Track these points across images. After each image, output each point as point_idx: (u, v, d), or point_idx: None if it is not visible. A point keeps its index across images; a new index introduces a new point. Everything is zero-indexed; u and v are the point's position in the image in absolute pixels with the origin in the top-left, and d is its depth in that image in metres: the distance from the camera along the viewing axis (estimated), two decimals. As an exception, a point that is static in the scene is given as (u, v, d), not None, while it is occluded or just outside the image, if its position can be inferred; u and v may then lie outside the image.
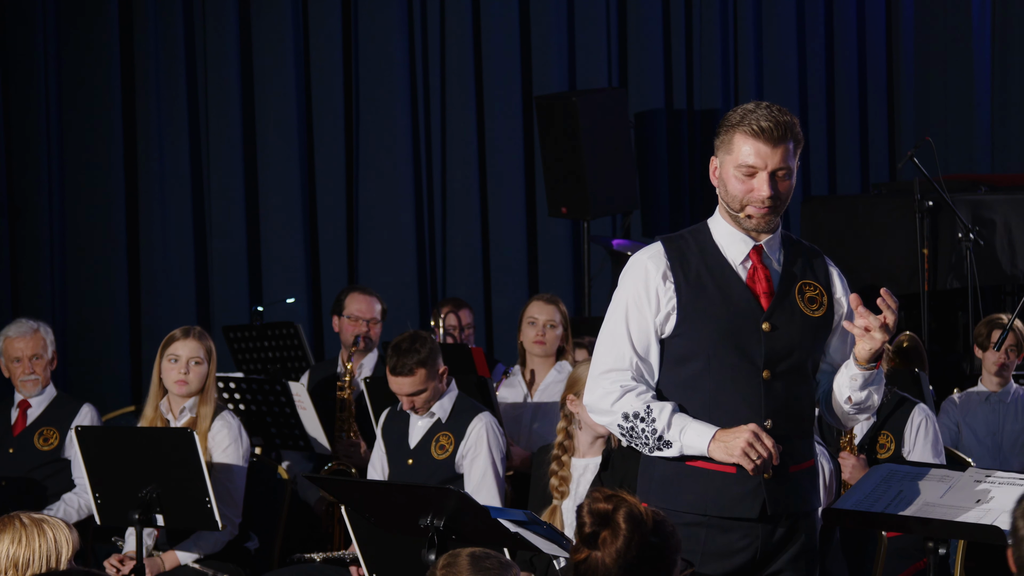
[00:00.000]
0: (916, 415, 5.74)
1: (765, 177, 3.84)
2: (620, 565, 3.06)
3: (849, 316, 3.94)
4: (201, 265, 9.22)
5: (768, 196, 3.84)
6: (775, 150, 3.84)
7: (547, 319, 6.71)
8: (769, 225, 3.90)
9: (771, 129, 3.82)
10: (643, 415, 3.84)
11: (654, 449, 3.85)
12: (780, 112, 3.85)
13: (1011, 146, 10.53)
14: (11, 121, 8.79)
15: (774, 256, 3.94)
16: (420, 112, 9.59)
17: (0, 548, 3.64)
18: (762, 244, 3.92)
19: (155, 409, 5.80)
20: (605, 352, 3.94)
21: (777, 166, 3.85)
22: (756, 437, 3.75)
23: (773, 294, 3.90)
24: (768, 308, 3.88)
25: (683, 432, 3.81)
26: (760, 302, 3.89)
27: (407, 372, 5.65)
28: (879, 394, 3.95)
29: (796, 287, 3.92)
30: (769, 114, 3.84)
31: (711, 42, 10.18)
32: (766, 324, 3.86)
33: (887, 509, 4.08)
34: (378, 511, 4.32)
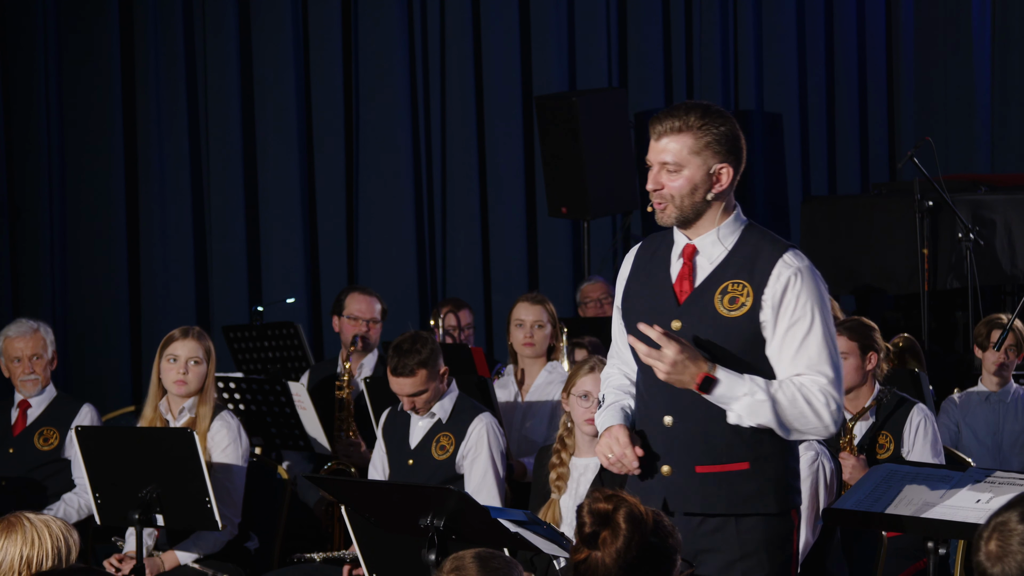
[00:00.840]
0: (915, 415, 5.73)
1: (651, 171, 3.88)
2: (620, 565, 3.06)
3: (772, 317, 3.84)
4: (201, 265, 9.22)
5: (650, 188, 3.88)
6: (657, 143, 3.86)
7: (534, 320, 6.69)
8: (667, 219, 3.89)
9: (656, 124, 3.86)
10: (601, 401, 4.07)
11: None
12: (684, 109, 3.86)
13: (1011, 146, 10.54)
14: (12, 121, 8.79)
15: (710, 253, 3.90)
16: (420, 112, 9.59)
17: (13, 549, 3.60)
18: (694, 243, 3.91)
19: (154, 409, 5.80)
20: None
21: (660, 159, 3.86)
22: (615, 439, 3.87)
23: (690, 293, 3.88)
24: (681, 305, 3.88)
25: (602, 422, 3.99)
26: (677, 300, 3.89)
27: (408, 373, 5.65)
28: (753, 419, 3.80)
29: (720, 286, 3.86)
30: (668, 109, 3.87)
31: (711, 42, 10.18)
32: (676, 322, 3.85)
33: (887, 509, 4.08)
34: (378, 511, 4.32)
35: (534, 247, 9.75)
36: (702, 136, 3.83)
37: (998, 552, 2.69)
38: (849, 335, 5.75)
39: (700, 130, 3.83)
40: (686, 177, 3.84)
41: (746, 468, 3.85)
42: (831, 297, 4.14)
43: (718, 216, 3.90)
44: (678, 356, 3.73)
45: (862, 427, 5.79)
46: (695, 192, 3.85)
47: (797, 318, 3.82)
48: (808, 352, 3.82)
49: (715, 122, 3.84)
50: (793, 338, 3.82)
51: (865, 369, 5.75)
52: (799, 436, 3.85)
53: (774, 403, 3.77)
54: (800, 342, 3.82)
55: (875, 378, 5.79)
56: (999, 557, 2.68)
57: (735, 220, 3.93)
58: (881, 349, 5.79)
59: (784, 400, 3.79)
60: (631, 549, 3.07)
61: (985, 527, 2.73)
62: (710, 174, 3.85)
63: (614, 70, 9.99)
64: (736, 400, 3.77)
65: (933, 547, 4.13)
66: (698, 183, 3.84)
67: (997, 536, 2.70)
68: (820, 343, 3.83)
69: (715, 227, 3.89)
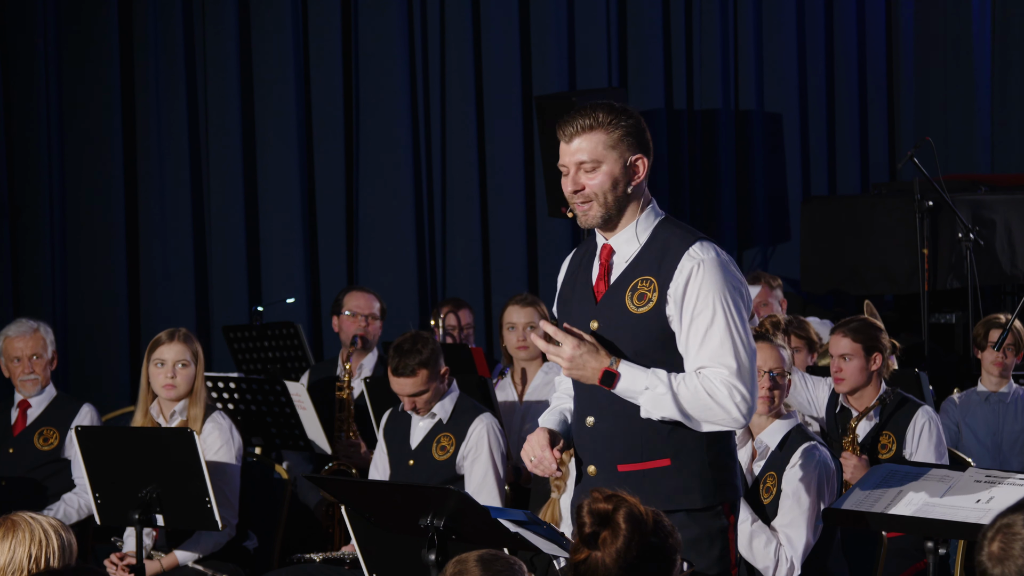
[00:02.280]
0: (919, 417, 5.73)
1: (568, 174, 3.89)
2: (620, 565, 3.05)
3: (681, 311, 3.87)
4: (201, 265, 9.22)
5: (570, 191, 3.89)
6: (569, 145, 3.88)
7: (526, 322, 6.68)
8: (592, 220, 3.89)
9: (565, 127, 3.87)
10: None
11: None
12: (590, 108, 3.87)
13: (1011, 146, 10.54)
14: (11, 121, 8.78)
15: (624, 251, 3.92)
16: (420, 112, 9.59)
17: (21, 549, 3.59)
18: (609, 243, 3.93)
19: (145, 413, 5.80)
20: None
21: (576, 160, 3.87)
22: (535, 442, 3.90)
23: (605, 292, 3.91)
24: (596, 306, 3.91)
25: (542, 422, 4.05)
26: (594, 300, 3.92)
27: (409, 373, 5.65)
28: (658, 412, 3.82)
29: (631, 284, 3.89)
30: (572, 112, 3.88)
31: (711, 42, 10.18)
32: (594, 322, 3.89)
33: (887, 509, 4.08)
34: (378, 511, 4.32)
35: (534, 247, 9.75)
36: (613, 131, 3.87)
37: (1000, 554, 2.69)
38: (853, 336, 5.76)
39: (611, 125, 3.87)
40: (605, 172, 3.87)
41: (668, 464, 3.86)
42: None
43: (636, 211, 3.93)
44: (575, 351, 3.79)
45: (864, 427, 5.79)
46: (616, 186, 3.88)
47: (700, 310, 3.82)
48: (711, 344, 3.81)
49: (622, 117, 3.88)
50: (696, 331, 3.82)
51: (870, 369, 5.75)
52: (711, 427, 3.84)
53: (675, 396, 3.78)
54: (703, 334, 3.81)
55: (881, 377, 5.80)
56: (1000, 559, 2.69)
57: (650, 214, 3.95)
58: (886, 348, 5.79)
59: (686, 393, 3.79)
60: (631, 549, 3.07)
61: (990, 527, 2.73)
62: (627, 166, 3.88)
63: (614, 70, 9.99)
64: (640, 394, 3.80)
65: (933, 547, 4.13)
66: (618, 176, 3.88)
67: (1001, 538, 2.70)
68: (723, 334, 3.80)
69: (632, 223, 3.92)
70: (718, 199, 10.18)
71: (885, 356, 5.77)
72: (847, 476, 5.59)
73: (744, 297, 3.88)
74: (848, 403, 5.84)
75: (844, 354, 5.75)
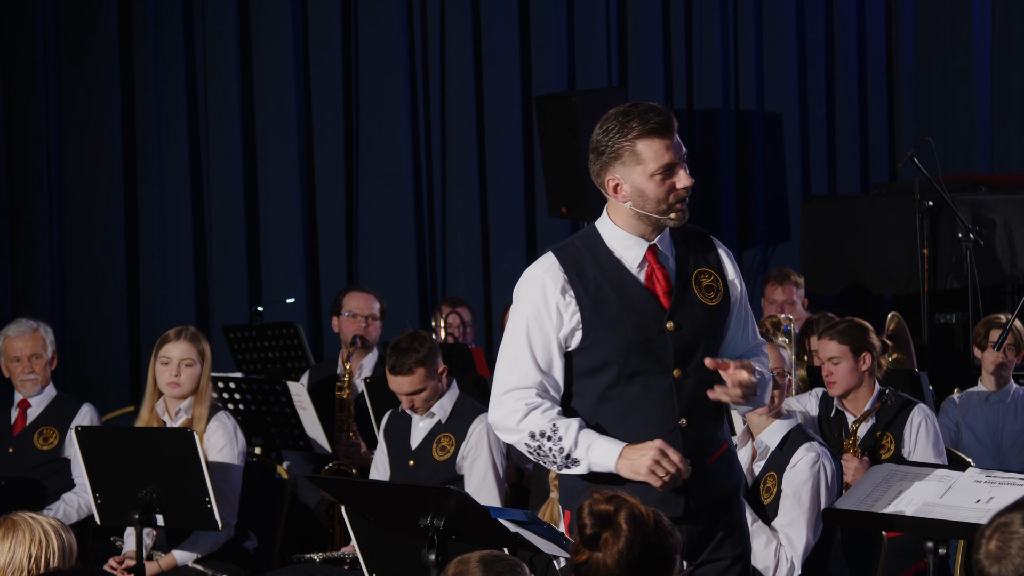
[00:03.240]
0: (915, 415, 5.73)
1: (681, 167, 3.86)
2: (622, 566, 3.05)
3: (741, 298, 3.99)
4: (201, 265, 9.22)
5: (691, 183, 3.87)
6: (674, 140, 3.86)
7: None
8: (685, 217, 3.91)
9: (666, 122, 3.83)
10: (549, 433, 3.81)
11: (562, 467, 3.84)
12: (655, 105, 3.88)
13: (1011, 146, 10.53)
14: (11, 121, 8.79)
15: (667, 251, 3.92)
16: (420, 112, 9.59)
17: (21, 549, 3.58)
18: (656, 243, 3.90)
19: (151, 411, 5.80)
20: (508, 370, 3.90)
21: (683, 153, 3.88)
22: (662, 454, 3.73)
23: (672, 292, 3.87)
24: (669, 307, 3.86)
25: (590, 450, 3.78)
26: (661, 302, 3.86)
27: (406, 371, 5.65)
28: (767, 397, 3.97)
29: (693, 278, 3.90)
30: (652, 110, 3.84)
31: (711, 42, 10.18)
32: (670, 323, 3.84)
33: (887, 509, 4.08)
34: (378, 511, 4.32)
35: (534, 247, 9.75)
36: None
37: (997, 552, 2.69)
38: (840, 339, 5.76)
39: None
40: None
41: (727, 448, 3.98)
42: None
43: None
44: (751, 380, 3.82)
45: (863, 428, 5.79)
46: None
47: (743, 291, 3.99)
48: (751, 320, 4.02)
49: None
50: (745, 311, 3.99)
51: (860, 370, 5.75)
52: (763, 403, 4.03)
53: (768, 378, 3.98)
54: (747, 313, 4.01)
55: (873, 377, 5.79)
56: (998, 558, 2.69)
57: None
58: (875, 347, 5.79)
59: (766, 372, 3.97)
60: (633, 550, 3.06)
61: (988, 525, 2.73)
62: None
63: (614, 70, 9.99)
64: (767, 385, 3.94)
65: (933, 547, 4.13)
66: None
67: (998, 536, 2.70)
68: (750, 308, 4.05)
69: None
70: (718, 199, 10.18)
71: (875, 355, 5.77)
72: (848, 478, 5.58)
73: None
74: (843, 406, 5.84)
75: (832, 357, 5.76)
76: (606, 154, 3.87)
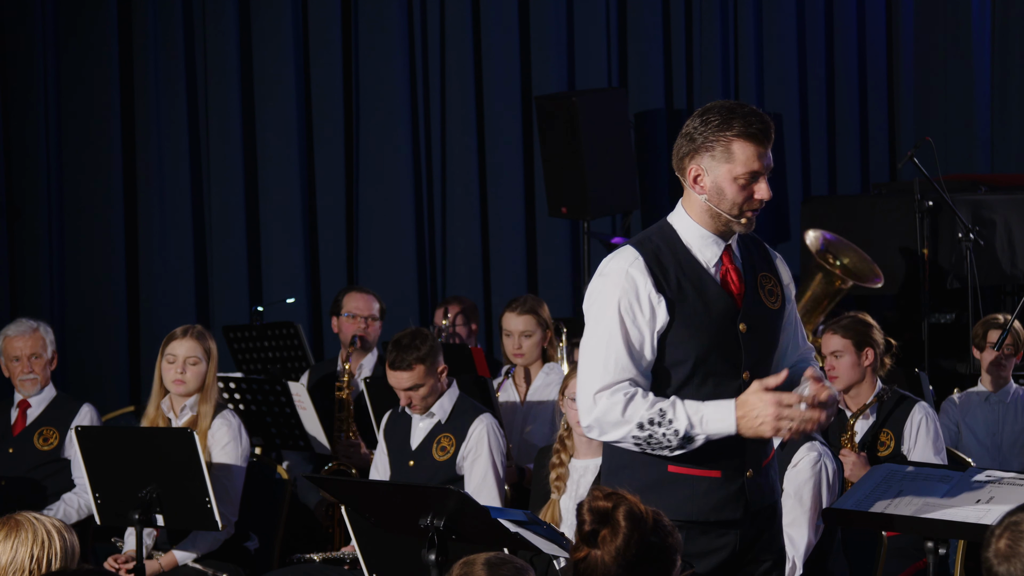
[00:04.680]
0: (916, 413, 5.74)
1: (765, 179, 3.83)
2: (620, 563, 3.06)
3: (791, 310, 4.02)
4: (201, 265, 9.22)
5: (769, 196, 3.83)
6: (768, 151, 3.83)
7: (521, 331, 6.65)
8: (752, 227, 3.90)
9: (766, 130, 3.81)
10: (658, 420, 3.76)
11: (677, 449, 3.78)
12: (760, 112, 3.86)
13: (1011, 146, 10.53)
14: (11, 121, 8.78)
15: (738, 253, 3.94)
16: (420, 112, 9.59)
17: (23, 549, 3.58)
18: (731, 243, 3.92)
19: (156, 408, 5.82)
20: (600, 366, 3.82)
21: (770, 166, 3.85)
22: (779, 404, 3.71)
23: (744, 294, 3.89)
24: (742, 308, 3.87)
25: (704, 422, 3.75)
26: (736, 303, 3.87)
27: (405, 367, 5.65)
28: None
29: (757, 281, 3.92)
30: (755, 115, 3.82)
31: (711, 42, 10.17)
32: (742, 325, 3.86)
33: (887, 509, 4.08)
34: (378, 511, 4.32)
35: (534, 247, 9.75)
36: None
37: (1007, 551, 2.70)
38: (843, 333, 5.78)
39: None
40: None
41: (775, 453, 4.04)
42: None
43: None
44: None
45: (863, 425, 5.80)
46: None
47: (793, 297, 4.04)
48: (801, 327, 4.06)
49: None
50: (795, 317, 4.04)
51: (862, 365, 5.76)
52: None
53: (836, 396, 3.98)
54: (796, 319, 4.05)
55: (875, 373, 5.80)
56: (1007, 557, 2.69)
57: None
58: (879, 344, 5.79)
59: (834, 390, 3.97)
60: (631, 547, 3.07)
61: (998, 524, 2.74)
62: None
63: (614, 70, 9.99)
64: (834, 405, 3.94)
65: (933, 547, 4.13)
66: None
67: (1008, 535, 2.71)
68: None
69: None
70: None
71: (878, 352, 5.78)
72: (847, 473, 5.60)
73: None
74: (844, 403, 5.85)
75: (835, 351, 5.77)
76: (698, 142, 3.83)
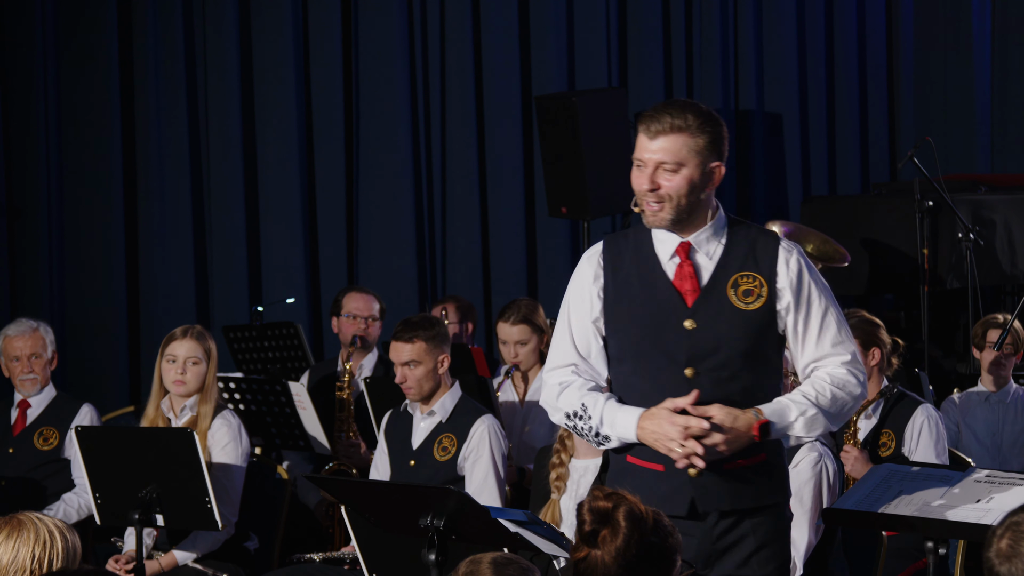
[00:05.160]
0: (918, 415, 5.74)
1: (646, 170, 3.85)
2: (620, 563, 3.06)
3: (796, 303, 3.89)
4: (201, 265, 9.22)
5: (645, 189, 3.85)
6: (653, 142, 3.83)
7: (516, 340, 6.64)
8: (661, 221, 3.87)
9: (651, 122, 3.83)
10: (580, 413, 3.89)
11: (598, 445, 3.91)
12: (680, 107, 3.85)
13: (1011, 146, 10.53)
14: (11, 121, 8.79)
15: (707, 249, 3.90)
16: (420, 112, 9.59)
17: (25, 549, 3.57)
18: (689, 240, 3.90)
19: (156, 408, 5.81)
20: (553, 350, 4.01)
21: (658, 159, 3.84)
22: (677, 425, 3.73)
23: (699, 290, 3.87)
24: (692, 305, 3.85)
25: (613, 425, 3.85)
26: (684, 299, 3.86)
27: (407, 339, 5.65)
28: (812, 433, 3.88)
29: (730, 280, 3.87)
30: (662, 108, 3.85)
31: (711, 42, 10.17)
32: (689, 321, 3.84)
33: (887, 509, 4.08)
34: (378, 511, 4.32)
35: (534, 247, 9.75)
36: (700, 136, 3.84)
37: (1008, 552, 2.70)
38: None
39: (698, 130, 3.84)
40: (685, 176, 3.84)
41: (764, 459, 3.89)
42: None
43: (709, 212, 3.92)
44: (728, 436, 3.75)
45: (866, 425, 5.80)
46: (693, 191, 3.86)
47: (814, 300, 3.89)
48: (830, 332, 3.90)
49: (710, 122, 3.86)
50: (814, 321, 3.89)
51: (869, 365, 5.75)
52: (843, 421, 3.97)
53: (823, 410, 3.86)
54: (820, 323, 3.89)
55: (882, 373, 5.80)
56: (1008, 557, 2.69)
57: (721, 215, 3.96)
58: (886, 344, 5.79)
59: (827, 402, 3.86)
60: (631, 547, 3.07)
61: (1000, 524, 2.74)
62: (706, 172, 3.86)
63: (614, 70, 9.99)
64: (792, 425, 3.83)
65: (933, 547, 4.13)
66: (696, 182, 3.86)
67: (1010, 535, 2.71)
68: (839, 321, 3.92)
69: (708, 223, 3.91)
70: (718, 199, 10.17)
71: (884, 352, 5.77)
72: (848, 469, 5.61)
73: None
74: None
75: None
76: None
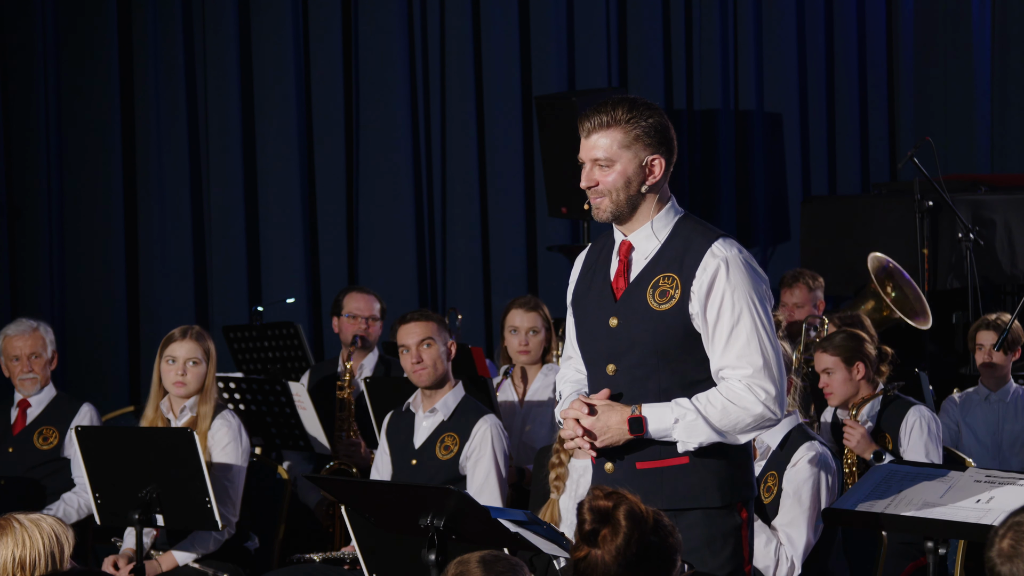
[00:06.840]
0: (910, 416, 5.80)
1: (584, 168, 3.90)
2: (620, 563, 3.06)
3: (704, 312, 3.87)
4: (201, 265, 9.22)
5: (584, 186, 3.90)
6: (587, 140, 3.88)
7: (529, 327, 6.64)
8: (603, 215, 3.91)
9: (584, 121, 3.89)
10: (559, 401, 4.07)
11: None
12: (611, 104, 3.86)
13: (1011, 146, 10.53)
14: (11, 122, 8.79)
15: (647, 248, 3.91)
16: (420, 112, 9.59)
17: (5, 551, 3.60)
18: (629, 239, 3.92)
19: (155, 409, 5.81)
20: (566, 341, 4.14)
21: (592, 156, 3.88)
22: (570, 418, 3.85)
23: (625, 289, 3.91)
24: (616, 303, 3.90)
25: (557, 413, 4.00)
26: (613, 297, 3.91)
27: (419, 318, 5.80)
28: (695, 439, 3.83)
29: (652, 281, 3.88)
30: (597, 105, 3.88)
31: (711, 42, 10.18)
32: (613, 319, 3.89)
33: (887, 509, 4.08)
34: (378, 511, 4.32)
35: (534, 247, 9.75)
36: (631, 129, 3.85)
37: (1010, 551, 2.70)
38: (832, 350, 5.84)
39: (628, 123, 3.85)
40: (619, 171, 3.86)
41: (686, 463, 3.85)
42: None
43: (652, 208, 3.91)
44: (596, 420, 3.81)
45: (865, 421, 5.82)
46: (629, 185, 3.87)
47: (725, 309, 3.82)
48: (737, 343, 3.81)
49: (643, 114, 3.86)
50: (722, 330, 3.82)
51: (854, 379, 5.81)
52: (748, 437, 3.85)
53: (706, 418, 3.79)
54: (729, 333, 3.81)
55: (872, 384, 5.83)
56: (1010, 556, 2.70)
57: (669, 211, 3.93)
58: (869, 356, 5.82)
59: (715, 411, 3.80)
60: (631, 547, 3.07)
61: (1002, 524, 2.75)
62: (642, 166, 3.87)
63: (614, 70, 9.99)
64: (672, 429, 3.80)
65: (933, 547, 4.13)
66: (631, 176, 3.87)
67: (1012, 535, 2.72)
68: (749, 333, 3.81)
69: (649, 220, 3.91)
70: (718, 199, 10.18)
71: (869, 364, 5.80)
72: (851, 445, 5.65)
73: (767, 294, 3.88)
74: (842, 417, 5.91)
75: (826, 368, 5.85)
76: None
